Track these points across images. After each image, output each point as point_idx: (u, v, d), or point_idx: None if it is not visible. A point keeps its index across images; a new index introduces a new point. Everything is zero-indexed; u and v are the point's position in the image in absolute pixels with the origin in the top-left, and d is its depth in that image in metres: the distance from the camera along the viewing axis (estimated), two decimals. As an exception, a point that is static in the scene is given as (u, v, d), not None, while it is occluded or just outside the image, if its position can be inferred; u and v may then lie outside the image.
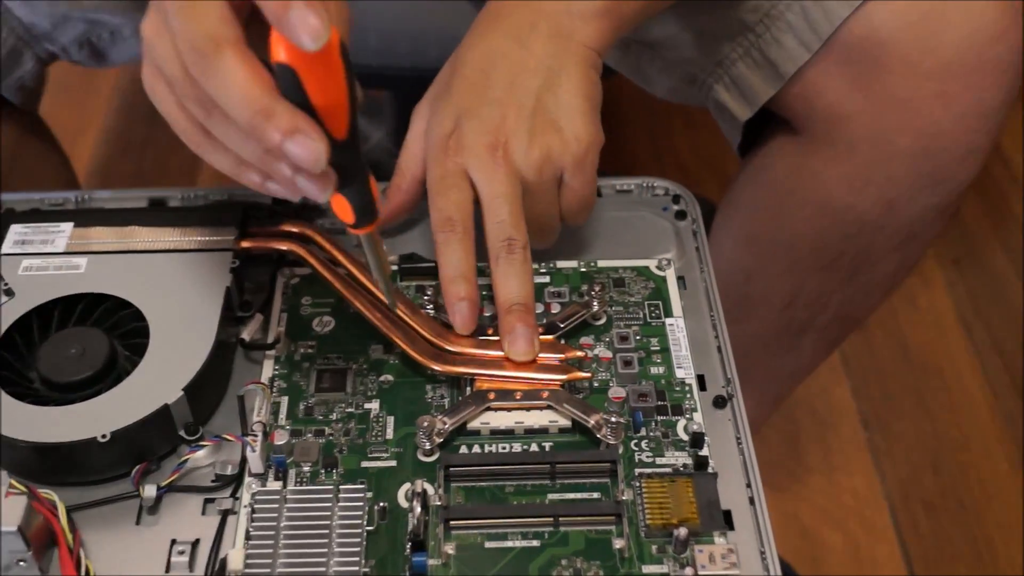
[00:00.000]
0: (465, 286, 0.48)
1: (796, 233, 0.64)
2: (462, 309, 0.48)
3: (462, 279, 0.48)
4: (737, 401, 0.48)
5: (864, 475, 0.91)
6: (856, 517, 0.88)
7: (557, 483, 0.45)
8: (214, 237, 0.52)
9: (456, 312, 0.48)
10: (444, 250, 0.48)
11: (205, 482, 0.45)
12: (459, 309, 0.48)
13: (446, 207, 0.48)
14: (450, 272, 0.48)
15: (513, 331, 0.47)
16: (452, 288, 0.48)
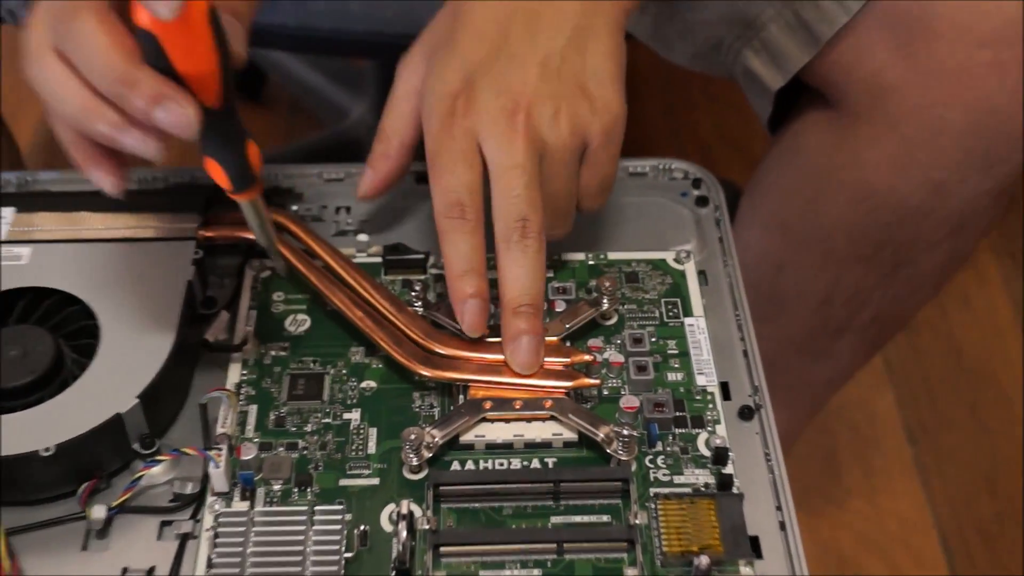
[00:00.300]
0: (476, 281, 0.47)
1: (832, 220, 0.64)
2: (472, 308, 0.47)
3: (473, 274, 0.47)
4: (766, 412, 0.48)
5: (911, 497, 0.91)
6: (902, 545, 0.88)
7: (561, 504, 0.45)
8: (174, 224, 0.52)
9: (466, 312, 0.47)
10: (451, 239, 0.47)
11: (162, 502, 0.45)
12: (469, 308, 0.47)
13: (453, 187, 0.46)
14: (458, 266, 0.47)
15: (518, 339, 0.46)
16: (460, 284, 0.47)
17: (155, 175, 0.57)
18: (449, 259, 0.47)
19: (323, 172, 0.59)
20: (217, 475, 0.44)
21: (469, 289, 0.47)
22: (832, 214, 0.64)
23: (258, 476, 0.45)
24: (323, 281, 0.51)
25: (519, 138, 0.46)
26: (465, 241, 0.47)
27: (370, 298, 0.50)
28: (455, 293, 0.47)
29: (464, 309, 0.47)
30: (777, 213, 0.68)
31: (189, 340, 0.50)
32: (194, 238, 0.52)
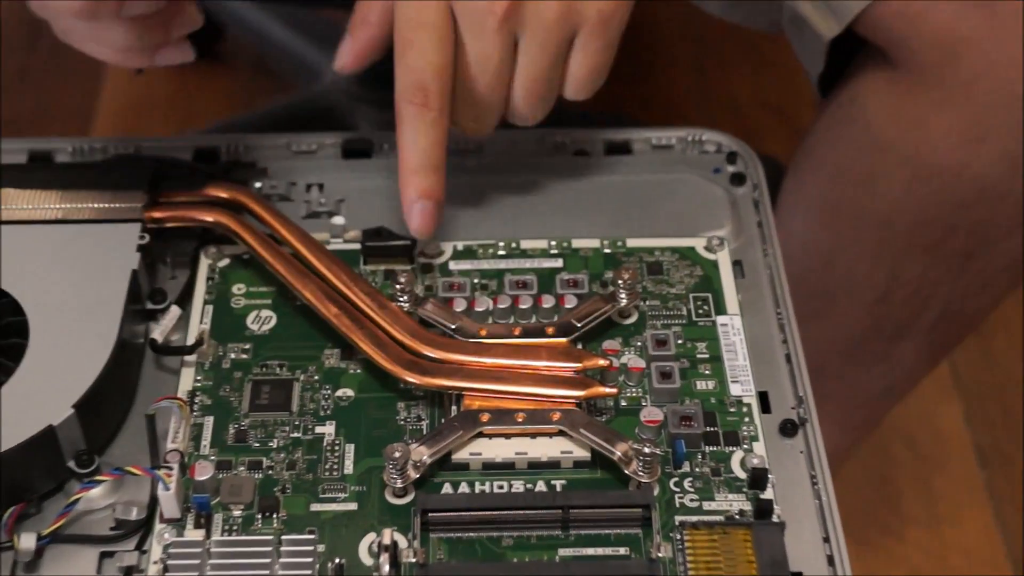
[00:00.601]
0: (432, 179, 0.49)
1: (892, 202, 0.64)
2: (423, 210, 0.49)
3: (430, 171, 0.49)
4: (812, 427, 0.48)
5: (980, 527, 0.91)
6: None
7: (571, 534, 0.45)
8: (116, 204, 0.52)
9: (415, 213, 0.49)
10: (409, 129, 0.48)
11: (102, 530, 0.45)
12: (419, 210, 0.49)
13: (419, 67, 0.48)
14: (414, 159, 0.49)
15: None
16: (414, 180, 0.49)
17: (92, 144, 0.57)
18: (404, 151, 0.49)
19: (291, 143, 0.59)
20: (167, 498, 0.45)
21: (422, 186, 0.49)
22: (892, 195, 0.64)
23: (215, 500, 0.45)
24: (291, 271, 0.51)
25: (493, 19, 0.48)
26: (424, 133, 0.48)
27: (347, 291, 0.51)
28: (405, 190, 0.49)
29: (413, 211, 0.49)
30: (827, 194, 0.68)
31: (134, 340, 0.50)
32: (139, 220, 0.52)
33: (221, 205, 0.53)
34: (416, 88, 0.48)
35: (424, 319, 0.50)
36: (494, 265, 0.53)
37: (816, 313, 0.69)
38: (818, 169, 0.68)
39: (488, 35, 0.48)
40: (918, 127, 0.62)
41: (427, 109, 0.48)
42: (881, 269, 0.67)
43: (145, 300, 0.51)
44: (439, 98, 0.48)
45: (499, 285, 0.53)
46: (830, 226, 0.68)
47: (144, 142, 0.58)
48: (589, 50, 0.50)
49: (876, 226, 0.66)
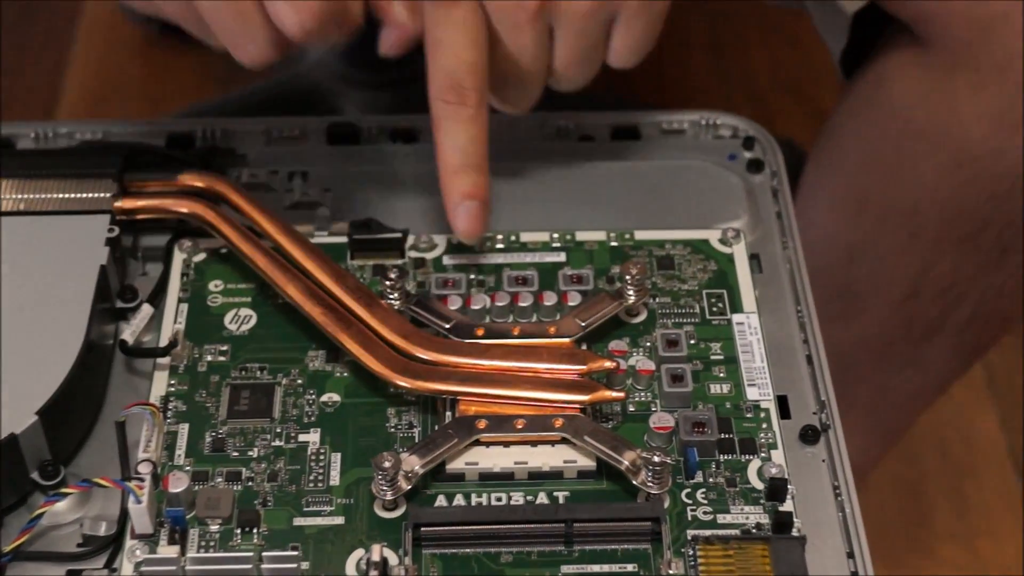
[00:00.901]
0: (475, 178, 0.49)
1: (922, 192, 0.64)
2: (469, 211, 0.49)
3: (472, 170, 0.49)
4: (835, 434, 0.48)
5: (1018, 541, 0.91)
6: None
7: (575, 550, 0.45)
8: (82, 194, 0.52)
9: (460, 215, 0.50)
10: (446, 129, 0.49)
11: (69, 546, 0.45)
12: (465, 211, 0.49)
13: (451, 66, 0.49)
14: (455, 159, 0.49)
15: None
16: (457, 181, 0.49)
17: (57, 129, 0.57)
18: (444, 152, 0.49)
19: (272, 128, 0.59)
20: (138, 512, 0.45)
21: (466, 187, 0.49)
22: (921, 184, 0.64)
23: (191, 514, 0.46)
24: (273, 266, 0.51)
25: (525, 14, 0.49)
26: (464, 131, 0.49)
27: (333, 288, 0.51)
28: (449, 193, 0.49)
29: (459, 212, 0.49)
30: (851, 183, 0.68)
31: (102, 341, 0.50)
32: (108, 211, 0.52)
33: (196, 195, 0.53)
34: (450, 86, 0.49)
35: (416, 318, 0.50)
36: (491, 259, 0.53)
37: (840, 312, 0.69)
38: (842, 156, 0.68)
39: (521, 29, 0.49)
40: (950, 111, 0.62)
41: (464, 106, 0.49)
42: (910, 264, 0.67)
43: (114, 298, 0.51)
44: (475, 94, 0.49)
45: (497, 281, 0.53)
46: (855, 218, 0.68)
47: (113, 127, 0.58)
48: (632, 29, 0.51)
49: (905, 218, 0.66)
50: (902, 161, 0.65)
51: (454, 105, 0.49)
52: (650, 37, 0.52)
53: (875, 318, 0.70)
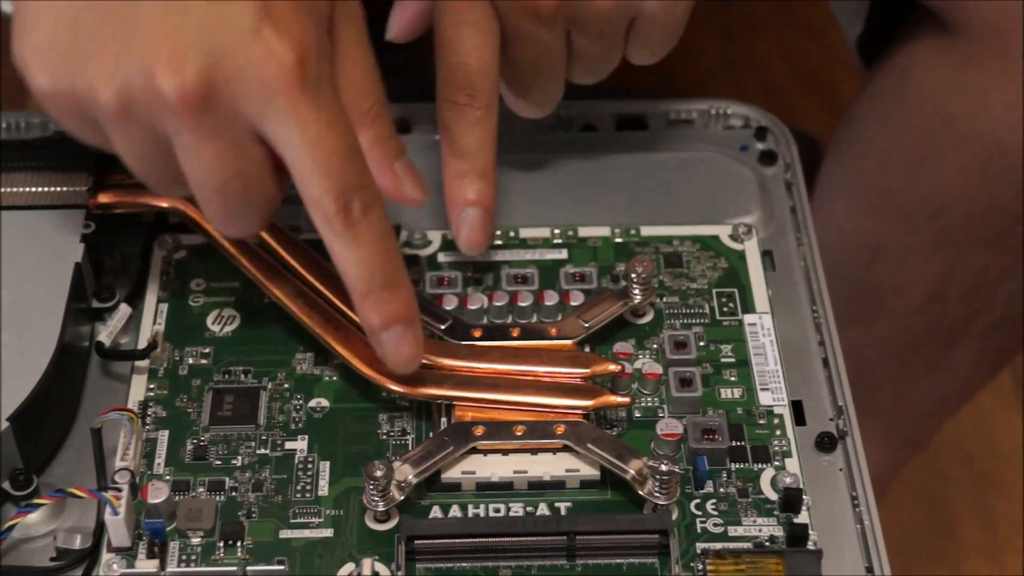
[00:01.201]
0: (480, 185, 0.49)
1: (947, 188, 0.64)
2: (473, 218, 0.49)
3: (478, 176, 0.49)
4: (853, 441, 0.48)
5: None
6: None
7: (578, 564, 0.45)
8: (56, 188, 0.52)
9: (464, 222, 0.49)
10: (455, 130, 0.49)
11: (42, 560, 0.45)
12: (469, 218, 0.49)
13: (461, 66, 0.49)
14: (461, 164, 0.49)
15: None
16: (462, 186, 0.49)
17: (30, 119, 0.57)
18: (449, 157, 0.49)
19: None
20: (115, 524, 0.45)
21: (470, 194, 0.49)
22: (947, 180, 0.64)
23: (171, 526, 0.46)
24: (258, 265, 0.51)
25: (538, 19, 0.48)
26: (472, 135, 0.49)
27: (321, 287, 0.51)
28: (452, 197, 0.49)
29: (462, 220, 0.49)
30: (872, 178, 0.68)
31: (77, 343, 0.50)
32: (84, 206, 0.52)
33: (177, 189, 0.53)
34: (460, 88, 0.49)
35: (409, 319, 0.51)
36: (489, 257, 0.53)
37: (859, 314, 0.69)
38: (862, 150, 0.68)
39: (538, 31, 0.49)
40: (977, 102, 0.62)
41: (472, 108, 0.49)
42: (934, 264, 0.67)
43: (90, 298, 0.51)
44: (486, 96, 0.49)
45: (495, 280, 0.53)
46: (876, 215, 0.68)
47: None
48: (653, 30, 0.51)
49: (929, 215, 0.66)
50: (926, 155, 0.65)
51: (463, 107, 0.49)
52: (672, 37, 0.52)
53: (896, 321, 0.70)
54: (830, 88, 1.10)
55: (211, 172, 0.43)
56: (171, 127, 0.42)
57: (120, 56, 0.41)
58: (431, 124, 0.59)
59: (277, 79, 0.41)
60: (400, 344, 0.46)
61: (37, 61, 0.42)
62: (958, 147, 0.63)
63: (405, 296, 0.45)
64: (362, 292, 0.45)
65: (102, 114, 0.42)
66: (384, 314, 0.45)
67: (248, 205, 0.44)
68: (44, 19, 0.42)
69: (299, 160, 0.42)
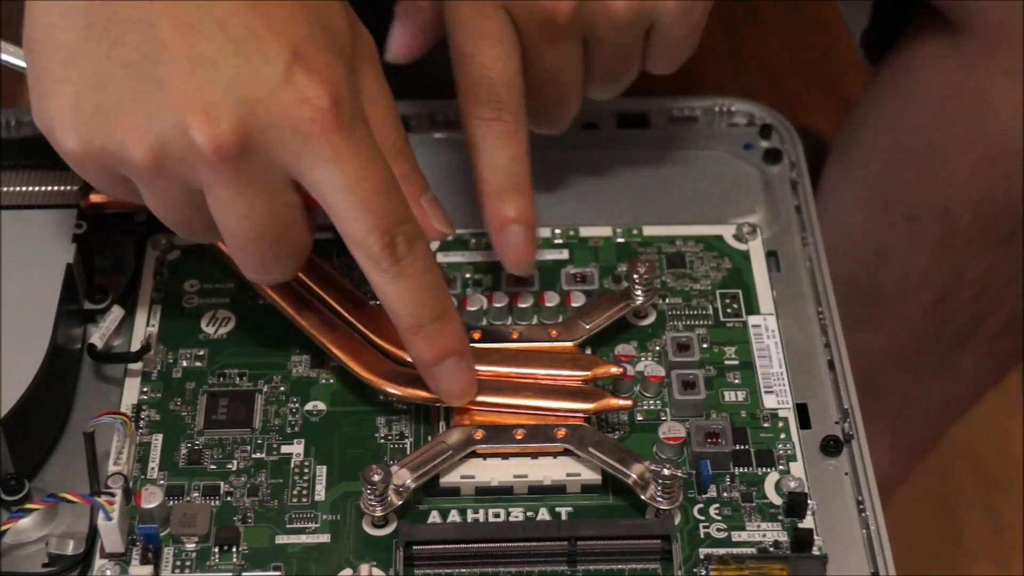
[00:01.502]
0: (520, 201, 0.49)
1: (955, 190, 0.64)
2: (516, 236, 0.49)
3: (516, 192, 0.49)
4: (859, 445, 0.48)
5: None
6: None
7: (579, 570, 0.45)
8: (47, 187, 0.52)
9: (508, 242, 0.49)
10: (484, 148, 0.49)
11: (34, 566, 0.45)
12: (512, 236, 0.49)
13: (484, 79, 0.49)
14: (497, 181, 0.49)
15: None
16: (500, 205, 0.49)
17: (20, 117, 0.57)
18: (482, 174, 0.49)
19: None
20: (109, 530, 0.44)
21: (510, 212, 0.48)
22: (953, 181, 0.64)
23: (165, 531, 0.45)
24: (253, 265, 0.51)
25: (556, 26, 0.48)
26: (503, 149, 0.49)
27: (317, 289, 0.51)
28: (492, 218, 0.49)
29: (505, 239, 0.49)
30: (878, 178, 0.68)
31: (69, 345, 0.50)
32: (75, 205, 0.52)
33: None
34: (486, 102, 0.49)
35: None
36: (489, 257, 0.53)
37: (865, 317, 0.69)
38: (868, 149, 0.68)
39: (555, 43, 0.49)
40: (984, 102, 0.62)
41: (501, 122, 0.49)
42: (941, 267, 0.67)
43: (82, 299, 0.51)
44: (513, 108, 0.49)
45: (495, 281, 0.53)
46: (881, 216, 0.68)
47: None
48: (671, 37, 0.50)
49: (935, 217, 0.66)
50: (933, 156, 0.65)
51: (491, 122, 0.49)
52: (690, 43, 0.51)
53: (903, 324, 0.70)
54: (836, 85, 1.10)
55: (246, 222, 0.43)
56: (206, 180, 0.42)
57: (151, 113, 0.41)
58: (429, 121, 0.59)
59: (313, 122, 0.41)
60: (452, 377, 0.46)
61: (63, 125, 0.43)
62: (965, 148, 0.63)
63: (455, 328, 0.46)
64: (412, 328, 0.45)
65: (135, 171, 0.43)
66: (436, 348, 0.46)
67: (282, 253, 0.44)
68: (66, 83, 0.42)
69: (340, 201, 0.43)
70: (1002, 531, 0.93)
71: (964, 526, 0.94)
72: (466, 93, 0.49)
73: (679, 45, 0.51)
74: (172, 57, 0.41)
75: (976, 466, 0.96)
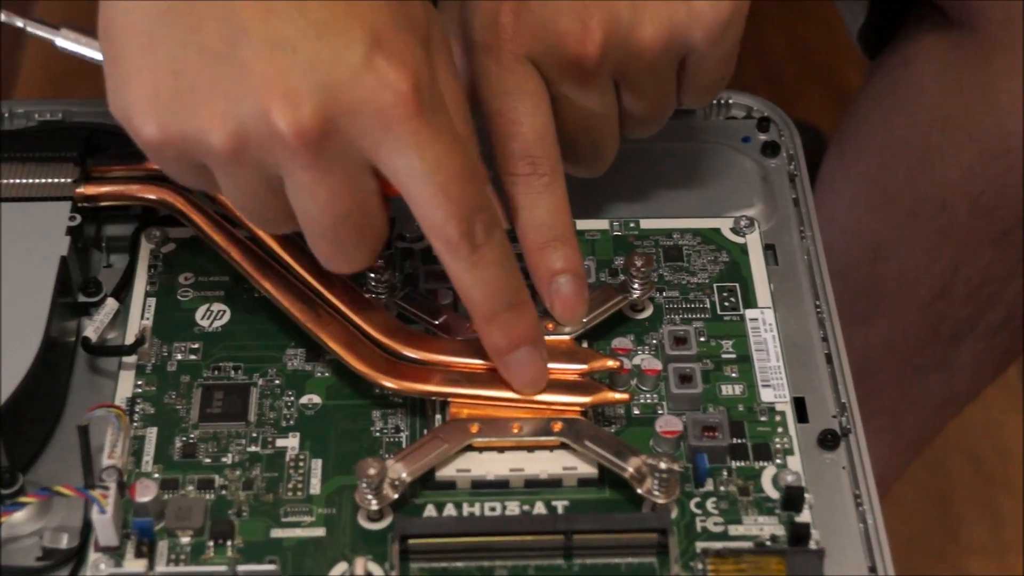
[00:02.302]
0: (564, 251, 0.49)
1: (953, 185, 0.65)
2: (566, 287, 0.49)
3: (559, 243, 0.49)
4: (856, 439, 0.48)
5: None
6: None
7: (575, 564, 0.45)
8: (41, 179, 0.52)
9: (556, 293, 0.49)
10: (525, 202, 0.49)
11: (28, 560, 0.45)
12: (561, 288, 0.49)
13: (517, 135, 0.49)
14: (539, 235, 0.49)
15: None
16: (545, 259, 0.49)
17: (14, 109, 0.57)
18: (525, 230, 0.49)
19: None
20: (103, 523, 0.45)
21: (557, 263, 0.48)
22: (953, 176, 0.64)
23: (159, 525, 0.46)
24: (248, 258, 0.51)
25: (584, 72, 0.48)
26: (542, 203, 0.49)
27: (313, 281, 0.51)
28: (539, 271, 0.49)
29: (554, 288, 0.49)
30: (876, 173, 0.68)
31: (63, 338, 0.50)
32: (69, 198, 0.52)
33: (165, 180, 0.53)
34: (519, 158, 0.49)
35: (403, 313, 0.51)
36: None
37: (862, 312, 0.69)
38: (866, 144, 0.69)
39: (585, 88, 0.49)
40: (983, 97, 0.62)
41: (537, 176, 0.49)
42: (939, 262, 0.67)
43: (76, 292, 0.51)
44: (548, 161, 0.49)
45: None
46: (879, 211, 0.68)
47: (75, 106, 0.58)
48: (704, 69, 0.50)
49: (934, 212, 0.66)
50: (931, 151, 0.65)
51: (526, 177, 0.49)
52: (726, 72, 0.51)
53: (901, 319, 0.70)
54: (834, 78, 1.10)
55: (325, 209, 0.43)
56: (286, 165, 0.42)
57: (230, 99, 0.41)
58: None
59: (394, 107, 0.41)
60: (525, 367, 0.47)
61: (142, 112, 0.43)
62: (963, 143, 0.63)
63: (530, 317, 0.46)
64: (487, 315, 0.46)
65: (214, 158, 0.43)
66: (510, 337, 0.46)
67: (360, 240, 0.44)
68: (144, 70, 0.42)
69: (419, 187, 0.43)
70: (1000, 527, 0.93)
71: (962, 521, 0.94)
72: (499, 150, 0.49)
73: (714, 75, 0.51)
74: (252, 42, 0.41)
75: (974, 461, 0.96)
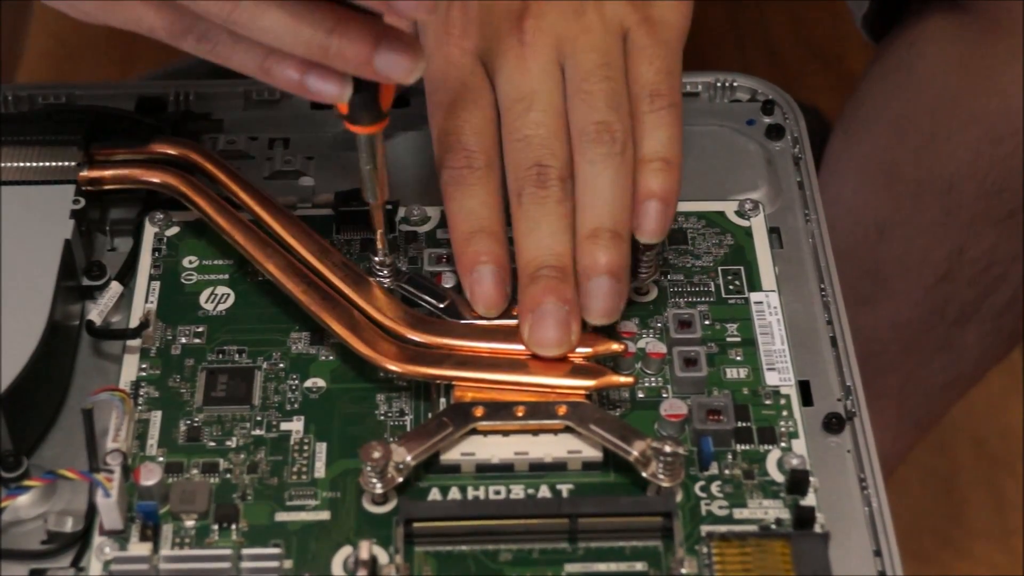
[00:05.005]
0: (487, 244, 0.48)
1: (958, 167, 0.64)
2: (485, 277, 0.48)
3: (483, 235, 0.48)
4: (861, 423, 0.48)
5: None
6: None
7: (580, 548, 0.45)
8: (45, 163, 0.52)
9: (476, 283, 0.49)
10: (454, 195, 0.49)
11: (32, 544, 0.45)
12: (481, 277, 0.48)
13: (453, 128, 0.49)
14: (464, 226, 0.49)
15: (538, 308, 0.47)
16: (467, 249, 0.49)
17: (17, 92, 0.57)
18: (453, 219, 0.49)
19: (251, 90, 0.59)
20: (107, 507, 0.45)
21: (479, 254, 0.48)
22: (958, 157, 0.64)
23: (164, 508, 0.46)
24: (252, 242, 0.51)
25: (529, 53, 0.47)
26: (473, 195, 0.49)
27: (317, 264, 0.51)
28: (461, 260, 0.49)
29: (473, 280, 0.49)
30: (881, 155, 0.68)
31: (67, 322, 0.50)
32: (73, 181, 0.52)
33: (169, 164, 0.53)
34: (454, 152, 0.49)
35: (407, 297, 0.51)
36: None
37: (867, 294, 0.69)
38: (871, 126, 0.68)
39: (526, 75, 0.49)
40: (988, 79, 0.62)
41: (470, 171, 0.49)
42: (944, 244, 0.67)
43: (80, 275, 0.51)
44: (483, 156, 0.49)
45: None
46: (884, 193, 0.68)
47: (78, 89, 0.58)
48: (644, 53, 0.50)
49: (939, 194, 0.66)
50: (936, 132, 0.65)
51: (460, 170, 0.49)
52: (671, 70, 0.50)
53: (906, 301, 0.70)
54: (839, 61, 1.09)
55: None
56: None
57: None
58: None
59: None
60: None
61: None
62: (968, 125, 0.63)
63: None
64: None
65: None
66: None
67: None
68: None
69: None
70: (1004, 510, 0.94)
71: (966, 504, 0.94)
72: (436, 141, 0.49)
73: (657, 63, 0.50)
74: None
75: (978, 444, 0.96)
